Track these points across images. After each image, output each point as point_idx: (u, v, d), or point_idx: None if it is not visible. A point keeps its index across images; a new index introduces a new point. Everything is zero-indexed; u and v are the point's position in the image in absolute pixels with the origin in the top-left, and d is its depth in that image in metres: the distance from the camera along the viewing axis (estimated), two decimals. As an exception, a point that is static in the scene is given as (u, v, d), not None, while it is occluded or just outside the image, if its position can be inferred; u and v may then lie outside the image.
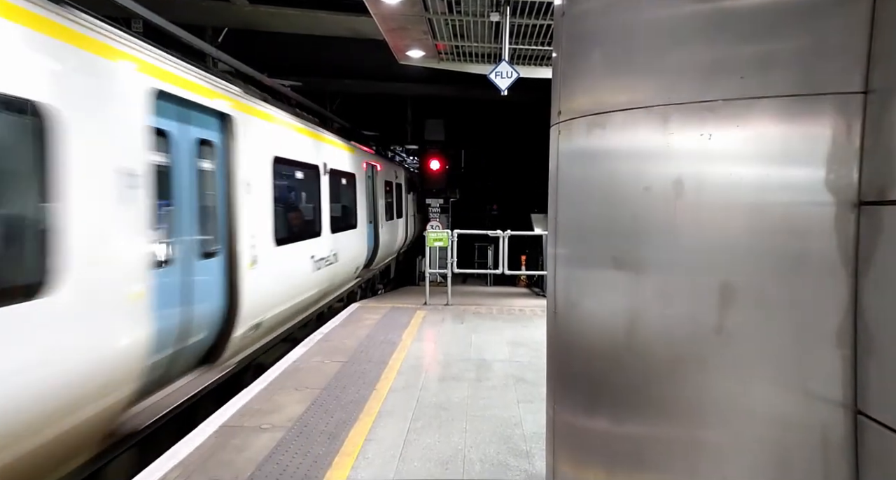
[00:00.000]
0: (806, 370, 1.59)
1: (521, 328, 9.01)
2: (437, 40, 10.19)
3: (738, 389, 1.68)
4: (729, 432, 1.70)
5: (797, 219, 1.59)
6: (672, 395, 1.82)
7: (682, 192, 1.76)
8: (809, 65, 1.58)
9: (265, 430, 4.87)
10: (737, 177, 1.67)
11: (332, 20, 11.74)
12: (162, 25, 5.87)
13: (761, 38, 1.65)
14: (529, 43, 10.13)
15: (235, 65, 8.26)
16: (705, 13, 1.74)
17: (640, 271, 1.89)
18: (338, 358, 7.05)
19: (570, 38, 2.26)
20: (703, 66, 1.75)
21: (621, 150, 1.97)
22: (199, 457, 4.35)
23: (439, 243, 11.57)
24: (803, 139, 1.59)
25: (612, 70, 2.03)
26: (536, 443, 4.65)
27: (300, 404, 5.49)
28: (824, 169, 1.55)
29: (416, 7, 8.50)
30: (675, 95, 1.79)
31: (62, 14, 3.77)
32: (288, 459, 4.35)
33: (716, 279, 1.70)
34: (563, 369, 2.34)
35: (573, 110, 2.19)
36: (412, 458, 4.39)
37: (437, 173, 23.44)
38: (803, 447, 1.60)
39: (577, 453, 2.26)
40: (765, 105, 1.64)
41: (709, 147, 1.72)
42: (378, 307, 10.66)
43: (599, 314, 2.07)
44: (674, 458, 1.83)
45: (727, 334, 1.69)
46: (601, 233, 2.05)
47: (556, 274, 2.34)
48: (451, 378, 6.38)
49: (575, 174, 2.22)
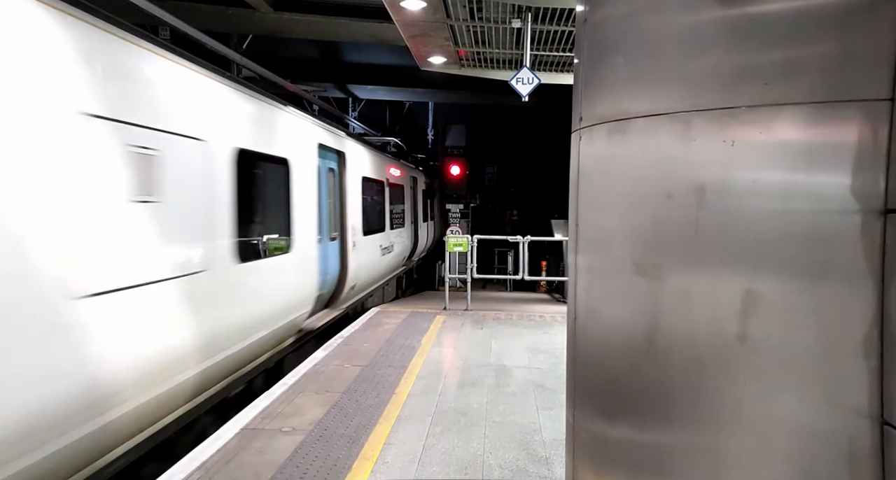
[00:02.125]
0: (832, 379, 1.57)
1: (541, 334, 8.97)
2: (458, 46, 10.22)
3: (761, 398, 1.66)
4: (752, 441, 1.69)
5: (822, 227, 1.58)
6: (694, 403, 1.80)
7: (704, 199, 1.76)
8: (835, 71, 1.57)
9: (286, 433, 4.91)
10: (760, 185, 1.66)
11: (355, 27, 11.83)
12: (189, 32, 5.98)
13: (786, 44, 1.64)
14: (550, 49, 10.13)
15: (259, 71, 8.36)
16: (729, 19, 1.74)
17: (661, 278, 1.88)
18: (357, 362, 7.08)
19: (592, 44, 2.26)
20: (726, 73, 1.74)
21: (643, 157, 1.96)
22: (220, 459, 4.40)
23: (459, 248, 11.57)
24: (829, 146, 1.58)
25: (634, 76, 2.02)
26: (556, 450, 4.63)
27: (320, 407, 5.52)
28: (850, 176, 1.54)
29: (438, 14, 8.54)
30: (697, 102, 1.78)
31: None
32: (308, 462, 4.37)
33: (739, 286, 1.69)
34: (584, 376, 2.33)
35: (594, 116, 2.19)
36: (431, 463, 4.40)
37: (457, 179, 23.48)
38: (829, 457, 1.58)
39: (597, 460, 2.25)
40: (789, 112, 1.62)
41: (732, 154, 1.71)
42: (398, 311, 10.69)
43: (620, 321, 2.06)
44: (696, 467, 1.81)
45: (750, 342, 1.67)
46: (622, 239, 2.04)
47: (577, 281, 2.34)
48: (470, 383, 6.37)
49: (596, 180, 2.22)
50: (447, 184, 23.58)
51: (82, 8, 3.78)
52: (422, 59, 11.04)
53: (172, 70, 4.83)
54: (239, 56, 7.88)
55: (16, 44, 3.26)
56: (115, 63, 4.13)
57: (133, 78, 4.33)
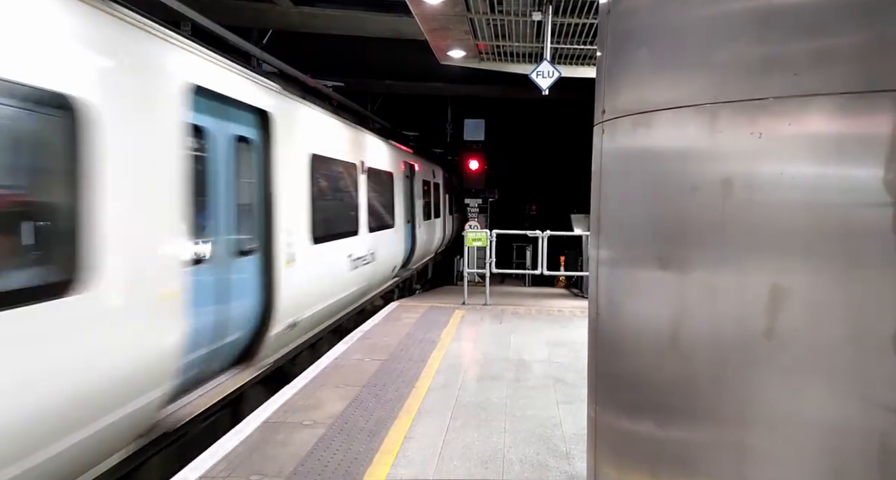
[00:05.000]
0: (862, 375, 1.55)
1: (561, 328, 8.93)
2: (478, 40, 10.18)
3: (789, 394, 1.64)
4: (780, 438, 1.66)
5: (853, 220, 1.55)
6: (719, 399, 1.78)
7: (731, 192, 1.73)
8: (867, 61, 1.53)
9: (307, 426, 4.94)
10: (789, 177, 1.63)
11: (375, 21, 11.83)
12: (210, 27, 6.01)
13: (817, 34, 1.60)
14: (571, 42, 10.04)
15: (279, 65, 8.39)
16: (757, 9, 1.71)
17: (686, 272, 1.86)
18: (378, 356, 7.11)
19: (616, 36, 2.24)
20: (753, 63, 1.71)
21: (667, 149, 1.94)
22: (243, 451, 4.44)
23: (478, 243, 11.55)
24: (860, 137, 1.55)
25: (658, 68, 2.00)
26: (576, 445, 4.61)
27: (341, 401, 5.55)
28: (882, 168, 1.50)
29: (458, 7, 8.51)
30: (724, 93, 1.75)
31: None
32: (329, 455, 4.40)
33: (766, 280, 1.66)
34: (606, 371, 2.31)
35: (618, 109, 2.17)
36: (451, 457, 4.40)
37: (475, 173, 23.42)
38: (860, 454, 1.55)
39: (620, 455, 2.24)
40: (819, 102, 1.59)
41: (759, 146, 1.68)
42: (417, 306, 10.71)
43: (643, 315, 2.04)
44: (721, 463, 1.79)
45: (778, 337, 1.64)
46: (646, 233, 2.02)
47: (599, 275, 2.32)
48: (490, 377, 6.36)
49: (619, 174, 2.20)
50: (465, 179, 23.53)
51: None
52: (441, 53, 11.01)
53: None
54: (259, 50, 7.91)
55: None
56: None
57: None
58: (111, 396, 3.74)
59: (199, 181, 4.92)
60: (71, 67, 3.42)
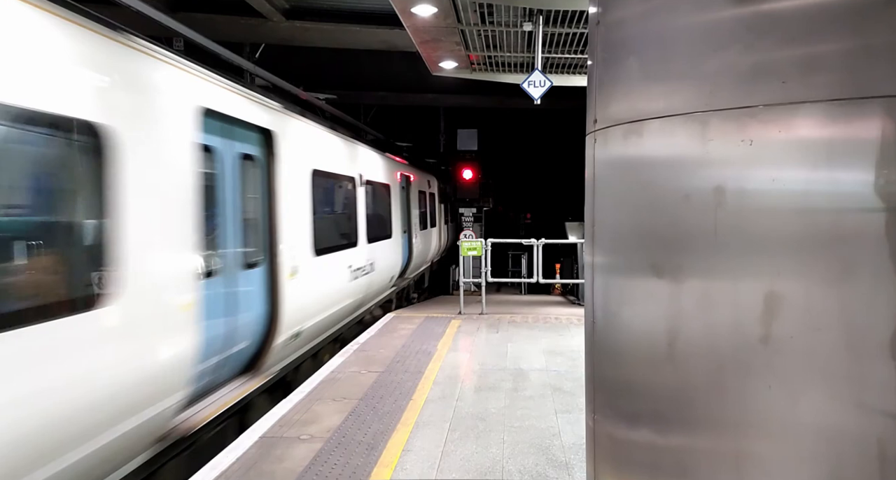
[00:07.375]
0: (859, 381, 1.54)
1: (557, 336, 8.92)
2: (469, 51, 10.23)
3: (786, 401, 1.63)
4: (778, 445, 1.66)
5: (845, 226, 1.55)
6: (716, 406, 1.78)
7: (723, 199, 1.73)
8: (855, 67, 1.54)
9: (304, 441, 4.91)
10: (780, 184, 1.64)
11: (367, 34, 11.87)
12: (202, 43, 6.03)
13: (804, 41, 1.61)
14: (562, 51, 10.10)
15: (272, 80, 8.42)
16: (745, 17, 1.72)
17: (680, 279, 1.86)
18: (374, 369, 7.08)
19: (606, 45, 2.25)
20: (743, 72, 1.72)
21: (659, 158, 1.95)
22: (240, 467, 4.41)
23: (473, 252, 11.56)
24: (850, 143, 1.55)
25: (649, 77, 2.01)
26: (576, 454, 4.59)
27: (338, 414, 5.52)
28: (873, 173, 1.51)
29: (449, 19, 8.55)
30: (714, 101, 1.76)
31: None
32: (327, 470, 4.37)
33: (761, 287, 1.67)
34: (603, 379, 2.31)
35: (609, 118, 2.18)
36: (450, 469, 4.38)
37: (469, 183, 23.48)
38: (857, 460, 1.55)
39: (619, 464, 2.23)
40: (808, 109, 1.60)
41: (750, 153, 1.69)
42: (413, 317, 10.69)
43: (639, 323, 2.04)
44: (720, 470, 1.79)
45: (773, 343, 1.65)
46: (639, 241, 2.03)
47: (594, 284, 2.32)
48: (487, 388, 6.34)
49: (612, 182, 2.20)
50: (459, 189, 23.58)
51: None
52: (433, 64, 11.06)
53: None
54: (252, 65, 7.93)
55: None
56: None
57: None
58: (137, 400, 3.98)
59: (210, 197, 5.16)
60: (104, 100, 3.73)
